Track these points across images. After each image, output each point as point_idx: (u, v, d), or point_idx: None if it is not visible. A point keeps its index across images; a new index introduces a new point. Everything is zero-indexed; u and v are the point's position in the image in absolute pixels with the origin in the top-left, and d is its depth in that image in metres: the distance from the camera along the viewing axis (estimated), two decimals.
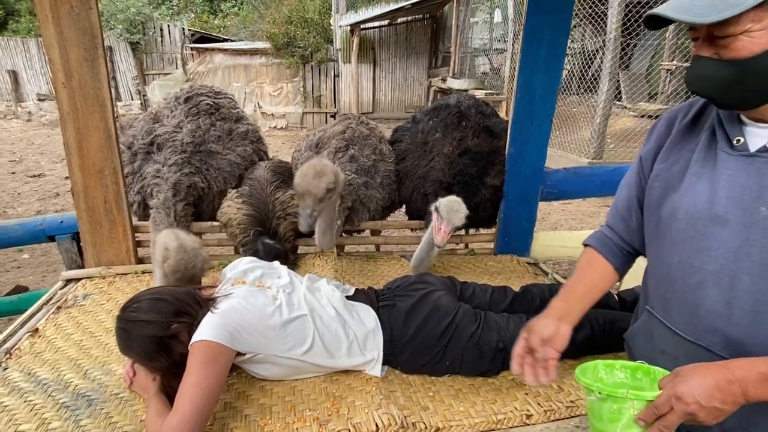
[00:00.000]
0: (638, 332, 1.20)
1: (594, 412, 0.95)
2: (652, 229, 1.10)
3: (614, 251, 1.26)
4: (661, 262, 1.06)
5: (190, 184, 1.99)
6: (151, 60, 11.58)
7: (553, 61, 2.11)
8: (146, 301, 1.26)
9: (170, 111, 2.14)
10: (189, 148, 2.02)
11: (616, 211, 1.26)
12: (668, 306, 1.06)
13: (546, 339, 1.13)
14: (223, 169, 2.13)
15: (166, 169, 1.96)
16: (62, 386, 1.33)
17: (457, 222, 1.75)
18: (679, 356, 1.03)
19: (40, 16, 1.78)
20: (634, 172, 1.19)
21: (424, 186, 2.24)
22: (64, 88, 1.84)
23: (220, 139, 2.14)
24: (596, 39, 8.36)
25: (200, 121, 2.10)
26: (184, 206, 1.98)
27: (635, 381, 1.03)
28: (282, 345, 1.32)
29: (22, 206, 5.63)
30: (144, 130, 2.04)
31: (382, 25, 11.37)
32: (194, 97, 2.18)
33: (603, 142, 5.97)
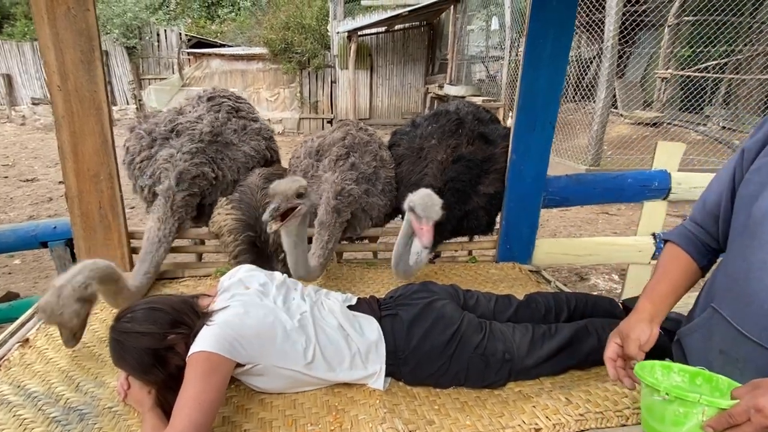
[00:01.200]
0: (695, 330, 1.16)
1: (654, 413, 0.92)
2: (740, 224, 1.07)
3: (699, 248, 1.23)
4: (743, 259, 1.03)
5: (198, 174, 1.99)
6: (147, 65, 11.56)
7: (556, 66, 2.09)
8: (141, 311, 1.21)
9: (192, 107, 2.19)
10: (206, 137, 2.03)
11: (704, 206, 1.23)
12: (740, 305, 1.03)
13: (643, 344, 1.11)
14: (238, 159, 2.15)
15: (178, 156, 1.95)
16: (53, 399, 1.28)
17: (435, 216, 1.67)
18: (740, 358, 1.01)
19: (35, 18, 1.74)
20: (731, 165, 1.16)
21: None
22: (60, 90, 1.80)
23: (236, 132, 2.18)
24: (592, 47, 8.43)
25: (219, 115, 2.15)
26: (185, 197, 1.96)
27: (693, 386, 1.00)
28: (282, 356, 1.28)
29: (15, 211, 5.55)
30: (167, 119, 2.08)
31: (379, 32, 11.42)
32: (217, 97, 2.25)
33: (600, 149, 5.99)
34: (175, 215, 1.90)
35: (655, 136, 7.40)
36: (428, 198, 1.70)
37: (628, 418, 1.30)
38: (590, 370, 1.53)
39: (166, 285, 2.01)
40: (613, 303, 1.78)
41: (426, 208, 1.67)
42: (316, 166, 2.19)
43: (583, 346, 1.51)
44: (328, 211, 1.97)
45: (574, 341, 1.49)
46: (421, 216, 1.67)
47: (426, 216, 1.66)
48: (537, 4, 2.00)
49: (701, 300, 1.25)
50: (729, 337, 1.05)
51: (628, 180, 2.50)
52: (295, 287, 1.52)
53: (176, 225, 1.92)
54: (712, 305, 1.12)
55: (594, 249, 2.62)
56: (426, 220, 1.67)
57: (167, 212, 1.88)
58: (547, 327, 1.52)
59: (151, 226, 1.87)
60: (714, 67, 8.10)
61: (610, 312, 1.73)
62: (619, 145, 7.14)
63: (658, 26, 8.32)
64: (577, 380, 1.48)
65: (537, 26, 2.03)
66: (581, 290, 3.64)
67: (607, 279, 3.82)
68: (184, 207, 1.95)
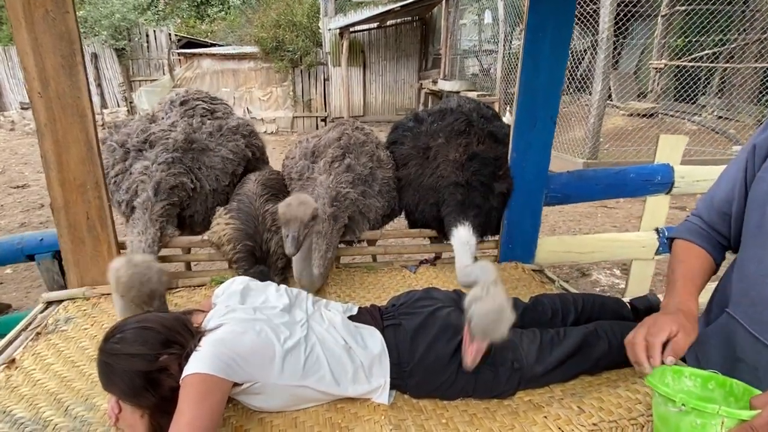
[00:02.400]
0: (711, 336, 1.11)
1: (669, 423, 0.87)
2: (754, 225, 1.01)
3: (712, 241, 1.18)
4: (759, 261, 0.98)
5: (176, 184, 1.92)
6: (137, 66, 11.40)
7: (556, 59, 2.03)
8: (131, 330, 1.14)
9: (165, 114, 2.11)
10: (181, 146, 1.96)
11: (712, 203, 1.18)
12: (757, 310, 0.98)
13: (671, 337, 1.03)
14: (215, 167, 2.07)
15: (154, 167, 1.89)
16: (40, 426, 1.21)
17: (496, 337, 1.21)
18: (759, 366, 0.96)
19: (12, 22, 1.66)
20: (742, 160, 1.10)
21: (435, 196, 2.13)
22: (41, 98, 1.72)
23: (211, 135, 2.10)
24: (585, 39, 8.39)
25: (193, 121, 2.08)
26: (164, 206, 1.90)
27: (705, 391, 0.95)
28: (281, 372, 1.21)
29: (5, 218, 5.44)
30: (139, 129, 2.00)
31: (371, 28, 11.31)
32: (190, 101, 2.16)
33: (597, 142, 5.95)
34: (155, 225, 1.84)
35: (651, 127, 7.37)
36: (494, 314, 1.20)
37: (643, 426, 1.25)
38: (601, 375, 1.49)
39: None
40: (621, 303, 1.74)
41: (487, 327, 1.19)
42: (311, 168, 2.13)
43: (594, 350, 1.46)
44: (325, 219, 1.91)
45: (583, 346, 1.44)
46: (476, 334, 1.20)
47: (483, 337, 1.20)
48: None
49: (714, 305, 1.20)
50: (747, 344, 1.00)
51: (630, 175, 2.45)
52: (293, 298, 1.45)
53: (158, 234, 1.84)
54: (727, 310, 1.07)
55: (597, 246, 2.57)
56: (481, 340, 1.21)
57: (146, 223, 1.81)
58: (555, 332, 1.47)
59: (131, 240, 1.81)
60: (708, 56, 8.08)
61: (617, 313, 1.68)
62: (615, 137, 7.11)
63: (651, 17, 8.29)
64: (588, 386, 1.43)
65: (536, 19, 1.97)
66: (583, 286, 3.60)
67: (609, 274, 3.78)
68: (164, 216, 1.88)
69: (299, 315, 1.35)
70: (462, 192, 2.06)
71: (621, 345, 1.46)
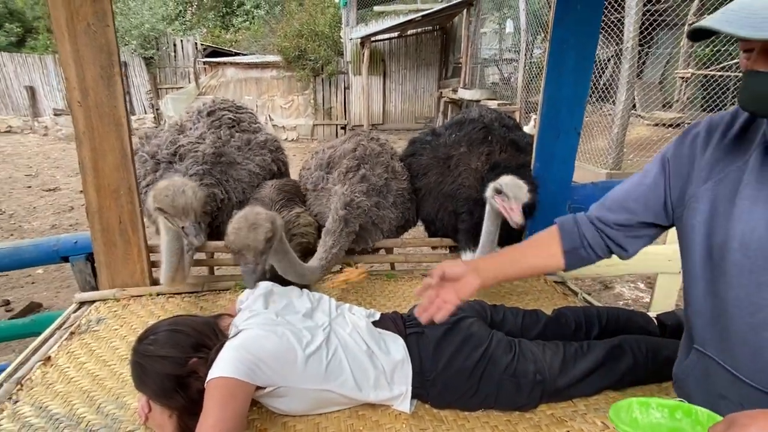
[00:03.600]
0: (689, 374, 1.08)
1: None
2: (701, 258, 0.98)
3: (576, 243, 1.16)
4: (714, 295, 0.95)
5: (208, 194, 1.97)
6: (164, 74, 11.75)
7: (581, 72, 2.03)
8: (163, 332, 1.19)
9: (193, 123, 2.16)
10: (210, 158, 2.01)
11: (613, 201, 1.15)
12: (727, 346, 0.96)
13: (449, 278, 1.09)
14: (242, 179, 2.12)
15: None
16: (74, 422, 1.26)
17: (524, 198, 1.74)
18: (744, 403, 0.93)
19: (56, 34, 1.75)
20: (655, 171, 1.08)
21: (453, 204, 2.14)
22: (80, 106, 1.80)
23: (239, 149, 2.15)
24: (608, 48, 8.29)
25: (221, 132, 2.11)
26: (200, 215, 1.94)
27: (674, 421, 0.94)
28: (304, 376, 1.24)
29: (37, 220, 5.66)
30: (168, 141, 2.05)
31: (392, 38, 11.42)
32: (217, 111, 2.20)
33: (621, 152, 5.85)
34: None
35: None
36: (518, 180, 1.77)
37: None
38: (626, 391, 1.46)
39: (185, 299, 1.99)
40: (647, 318, 1.71)
41: (515, 189, 1.73)
42: (326, 179, 2.17)
43: (618, 365, 1.44)
44: (336, 219, 1.94)
45: (607, 360, 1.42)
46: (511, 196, 1.73)
47: (515, 196, 1.73)
48: (560, 9, 1.94)
49: (683, 340, 1.16)
50: (726, 381, 0.97)
51: None
52: (316, 302, 1.48)
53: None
54: (696, 347, 1.04)
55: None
56: (515, 201, 1.73)
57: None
58: (578, 345, 1.46)
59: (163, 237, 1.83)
60: (737, 65, 7.87)
61: (644, 328, 1.65)
62: (639, 147, 6.97)
63: (676, 25, 8.14)
64: (612, 401, 1.40)
65: (560, 32, 1.97)
66: (606, 299, 3.53)
67: (633, 288, 3.70)
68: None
69: (322, 319, 1.37)
70: (478, 212, 2.06)
71: (647, 360, 1.45)
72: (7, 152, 9.75)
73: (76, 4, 1.70)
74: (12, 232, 5.26)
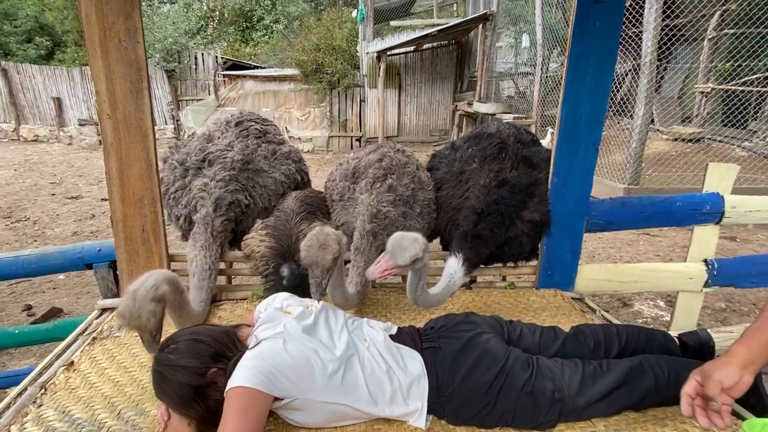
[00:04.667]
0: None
1: None
2: None
3: None
4: None
5: (233, 200, 2.02)
6: (185, 86, 12.06)
7: (600, 87, 2.03)
8: (184, 341, 1.21)
9: (221, 133, 2.22)
10: (238, 165, 2.07)
11: None
12: None
13: (727, 388, 1.03)
14: (269, 186, 2.18)
15: (213, 184, 1.99)
16: (96, 427, 1.28)
17: (399, 261, 1.51)
18: None
19: (89, 49, 1.83)
20: None
21: (456, 217, 2.15)
22: (109, 119, 1.87)
23: (266, 158, 2.21)
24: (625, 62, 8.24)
25: (248, 141, 2.18)
26: (223, 222, 1.99)
27: None
28: (320, 390, 1.24)
29: (60, 227, 5.81)
30: (197, 148, 2.11)
31: (407, 51, 11.55)
32: (244, 122, 2.27)
33: (639, 167, 5.77)
34: (217, 241, 1.93)
35: (697, 152, 7.09)
36: (408, 240, 1.53)
37: None
38: (647, 412, 1.43)
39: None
40: (669, 337, 1.67)
41: (395, 246, 1.52)
42: (352, 189, 2.17)
43: (639, 385, 1.41)
44: (363, 235, 1.94)
45: (628, 380, 1.40)
46: (387, 251, 1.54)
47: (391, 253, 1.52)
48: (579, 25, 1.95)
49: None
50: None
51: (677, 203, 2.37)
52: (334, 315, 1.48)
53: (219, 250, 1.94)
54: None
55: (641, 275, 2.48)
56: (389, 257, 1.52)
57: (209, 239, 1.90)
58: (597, 363, 1.43)
59: (196, 255, 1.89)
60: (759, 80, 7.75)
61: (665, 347, 1.61)
62: (657, 162, 6.88)
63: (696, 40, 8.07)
64: (633, 423, 1.38)
65: (579, 48, 1.98)
66: (624, 317, 3.46)
67: (652, 305, 3.63)
68: (223, 232, 1.98)
69: (340, 331, 1.38)
70: (473, 220, 2.06)
71: (669, 381, 1.42)
72: (33, 160, 10.07)
73: (109, 21, 1.78)
74: (36, 238, 5.41)
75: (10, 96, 12.39)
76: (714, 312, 3.55)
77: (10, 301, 3.89)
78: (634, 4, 6.17)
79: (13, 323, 3.52)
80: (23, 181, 8.16)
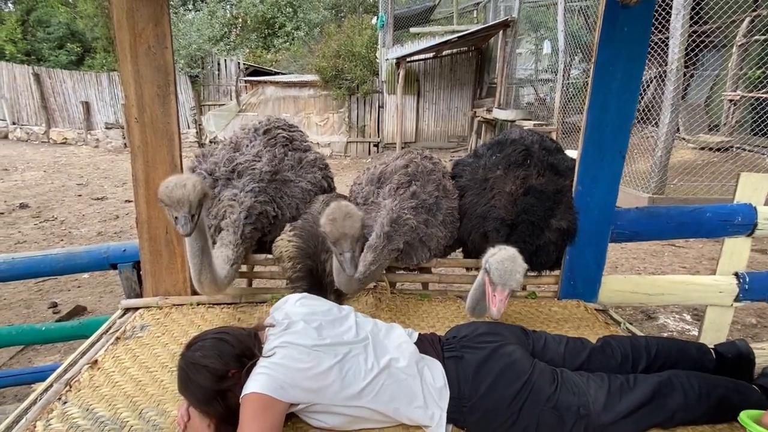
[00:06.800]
0: None
1: None
2: None
3: None
4: None
5: (262, 211, 2.04)
6: (207, 92, 12.31)
7: (627, 94, 1.98)
8: (210, 340, 1.23)
9: (249, 141, 2.23)
10: (266, 177, 2.08)
11: None
12: None
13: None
14: (296, 196, 2.19)
15: (242, 195, 2.01)
16: (118, 426, 1.30)
17: (514, 285, 1.48)
18: None
19: (119, 55, 1.88)
20: None
21: (483, 225, 2.12)
22: (137, 122, 1.91)
23: (293, 168, 2.21)
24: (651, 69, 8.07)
25: (276, 151, 2.18)
26: (252, 230, 2.01)
27: None
28: (339, 395, 1.23)
29: (86, 227, 5.97)
30: (225, 158, 2.12)
31: (427, 58, 11.57)
32: (272, 129, 2.28)
33: (665, 176, 5.63)
34: (244, 244, 1.94)
35: (725, 161, 6.88)
36: (509, 262, 1.48)
37: None
38: (675, 431, 1.37)
39: (224, 309, 2.04)
40: (703, 349, 1.59)
41: (504, 275, 1.47)
42: (376, 193, 2.17)
43: (668, 402, 1.35)
44: (379, 235, 1.93)
45: (656, 396, 1.35)
46: (497, 282, 1.48)
47: (502, 284, 1.47)
48: (606, 31, 1.91)
49: None
50: None
51: (706, 214, 2.29)
52: (351, 318, 1.47)
53: (243, 253, 1.94)
54: None
55: (668, 288, 2.41)
56: (501, 288, 1.48)
57: (237, 240, 1.91)
58: (624, 378, 1.39)
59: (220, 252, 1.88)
60: None
61: (698, 361, 1.55)
62: (683, 172, 6.70)
63: (724, 47, 7.86)
64: None
65: (606, 55, 1.94)
66: (648, 330, 3.36)
67: (678, 319, 3.51)
68: (250, 239, 1.99)
69: (359, 336, 1.37)
70: (505, 233, 2.04)
71: (699, 398, 1.36)
72: (62, 162, 10.41)
73: (139, 27, 1.82)
74: (62, 237, 5.56)
75: (42, 100, 12.85)
76: (744, 327, 3.42)
77: (37, 299, 4.01)
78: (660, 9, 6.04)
79: (39, 320, 3.62)
80: (52, 182, 8.43)
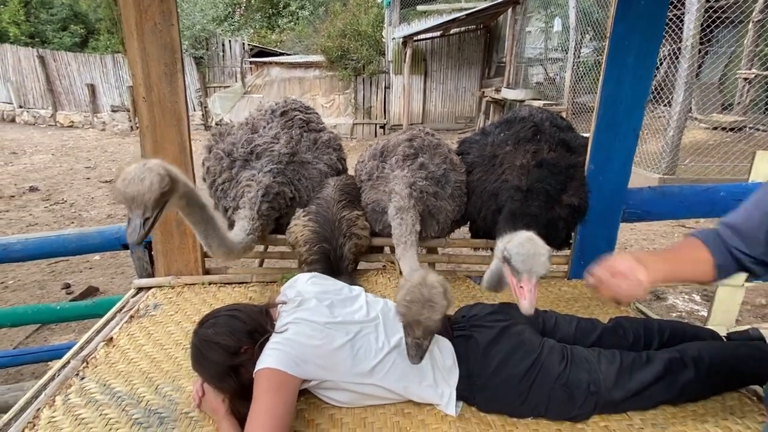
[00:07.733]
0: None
1: None
2: None
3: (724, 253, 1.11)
4: None
5: (279, 191, 2.04)
6: (212, 73, 12.20)
7: (642, 70, 1.93)
8: (223, 317, 1.24)
9: (266, 123, 2.22)
10: (285, 158, 2.08)
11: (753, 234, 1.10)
12: None
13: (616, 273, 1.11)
14: (313, 178, 2.19)
15: (260, 175, 2.01)
16: (135, 401, 1.33)
17: (541, 270, 1.21)
18: None
19: (126, 32, 1.85)
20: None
21: (496, 202, 2.09)
22: (144, 102, 1.90)
23: (309, 149, 2.21)
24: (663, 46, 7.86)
25: (293, 132, 2.17)
26: (268, 208, 2.01)
27: None
28: (350, 373, 1.25)
29: (95, 209, 6.03)
30: (244, 140, 2.11)
31: (434, 37, 11.34)
32: (289, 111, 2.26)
33: (676, 156, 5.53)
34: (260, 220, 1.94)
35: (738, 141, 6.75)
36: (530, 244, 1.22)
37: None
38: (686, 407, 1.38)
39: (235, 288, 2.06)
40: (716, 336, 1.59)
41: (527, 260, 1.20)
42: (381, 167, 2.14)
43: (678, 378, 1.36)
44: (404, 197, 1.90)
45: (667, 373, 1.35)
46: (521, 270, 1.21)
47: (527, 270, 1.20)
48: (623, 5, 1.86)
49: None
50: None
51: (720, 193, 2.26)
52: (362, 298, 1.48)
53: (259, 227, 1.94)
54: None
55: None
56: (528, 276, 1.20)
57: (254, 215, 1.91)
58: (636, 355, 1.39)
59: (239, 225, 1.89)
60: None
61: None
62: (693, 152, 6.59)
63: (740, 23, 7.62)
64: (671, 418, 1.34)
65: (622, 29, 1.88)
66: (657, 310, 3.36)
67: (687, 299, 3.50)
68: (267, 216, 1.99)
69: (369, 316, 1.38)
70: (520, 198, 1.98)
71: (709, 374, 1.37)
72: (69, 146, 10.44)
73: (144, 4, 1.79)
74: (72, 220, 5.62)
75: (48, 83, 12.82)
76: (754, 308, 3.40)
77: (50, 280, 4.08)
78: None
79: (53, 300, 3.69)
80: (60, 165, 8.48)
